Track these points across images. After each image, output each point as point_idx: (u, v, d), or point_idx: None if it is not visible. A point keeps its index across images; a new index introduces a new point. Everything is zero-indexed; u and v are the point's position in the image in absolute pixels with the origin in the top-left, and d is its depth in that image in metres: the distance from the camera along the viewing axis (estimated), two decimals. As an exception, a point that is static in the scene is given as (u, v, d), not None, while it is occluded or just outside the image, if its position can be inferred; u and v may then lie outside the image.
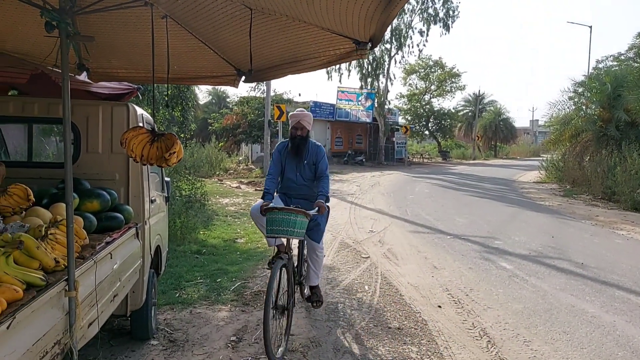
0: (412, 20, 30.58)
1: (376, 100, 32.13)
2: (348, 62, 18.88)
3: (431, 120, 43.21)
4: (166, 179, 4.79)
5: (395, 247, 7.76)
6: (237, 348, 3.88)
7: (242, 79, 3.78)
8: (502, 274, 6.26)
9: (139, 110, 3.88)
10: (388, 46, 30.64)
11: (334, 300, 5.12)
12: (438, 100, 43.78)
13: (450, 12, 30.54)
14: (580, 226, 10.18)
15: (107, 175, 3.67)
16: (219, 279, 5.67)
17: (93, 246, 2.73)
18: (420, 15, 30.42)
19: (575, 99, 19.63)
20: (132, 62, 3.67)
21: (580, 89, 19.32)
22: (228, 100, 40.18)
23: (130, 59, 3.63)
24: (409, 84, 42.93)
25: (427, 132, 44.77)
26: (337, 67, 30.32)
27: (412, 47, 33.38)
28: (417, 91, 42.53)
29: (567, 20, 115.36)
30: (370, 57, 28.96)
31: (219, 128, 26.54)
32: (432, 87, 42.47)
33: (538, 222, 10.61)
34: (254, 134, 24.04)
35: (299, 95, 31.53)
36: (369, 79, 31.12)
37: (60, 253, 2.35)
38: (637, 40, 21.47)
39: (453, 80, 42.21)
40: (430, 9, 30.26)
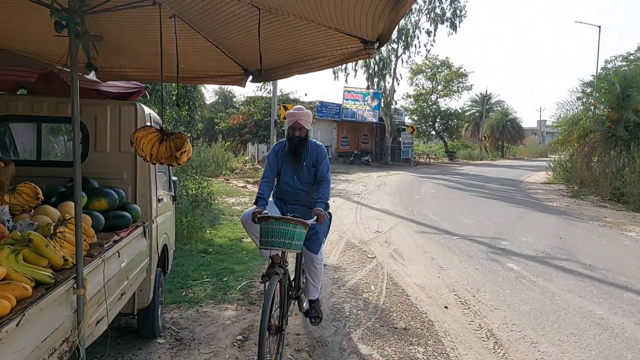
0: (419, 20, 30.53)
1: (382, 100, 32.09)
2: (356, 61, 18.85)
3: (438, 120, 43.07)
4: (173, 178, 4.81)
5: (402, 247, 7.74)
6: (243, 347, 3.89)
7: (250, 78, 3.79)
8: (509, 275, 6.23)
9: (147, 109, 3.90)
10: (395, 46, 30.57)
11: (340, 300, 5.11)
12: (445, 100, 43.70)
13: (458, 11, 30.45)
14: (588, 227, 10.10)
15: (115, 174, 3.69)
16: (225, 278, 5.68)
17: (101, 244, 2.75)
18: (427, 15, 30.35)
19: (584, 99, 19.51)
20: (140, 61, 3.69)
21: (588, 89, 19.19)
22: (234, 100, 40.33)
23: (138, 58, 3.64)
24: (416, 84, 42.88)
25: (433, 132, 44.64)
26: (344, 66, 30.31)
27: (419, 47, 33.36)
28: (424, 91, 42.42)
29: (575, 20, 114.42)
30: (377, 57, 28.92)
31: (225, 128, 26.64)
32: (439, 87, 42.35)
33: (545, 223, 10.54)
34: (260, 133, 24.09)
35: (306, 95, 31.65)
36: (375, 79, 31.08)
37: (68, 251, 2.37)
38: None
39: (460, 80, 42.06)
40: (437, 9, 30.18)
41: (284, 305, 3.62)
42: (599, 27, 29.77)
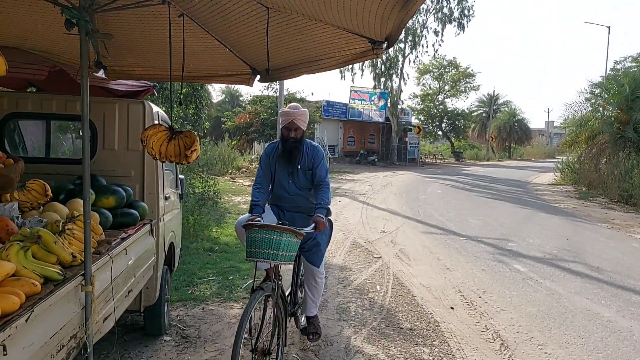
0: (426, 20, 30.44)
1: (389, 100, 32.03)
2: (364, 61, 18.80)
3: (444, 120, 42.90)
4: (180, 176, 4.83)
5: (407, 247, 7.72)
6: (249, 346, 3.88)
7: (257, 78, 3.78)
8: (515, 276, 6.20)
9: (155, 107, 3.91)
10: (402, 46, 30.50)
11: (345, 300, 5.11)
12: (452, 100, 43.54)
13: (465, 11, 30.31)
14: (596, 229, 10.03)
15: (122, 172, 3.71)
16: (231, 277, 5.70)
17: (109, 242, 2.76)
18: (435, 15, 30.25)
19: (592, 101, 19.38)
20: (149, 60, 3.69)
21: (597, 90, 19.06)
22: (241, 99, 40.40)
23: (147, 57, 3.65)
24: (423, 84, 42.73)
25: (440, 132, 44.47)
26: (350, 66, 30.24)
27: (427, 47, 33.26)
28: (431, 91, 42.27)
29: (584, 20, 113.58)
30: (384, 56, 28.84)
31: (231, 126, 26.66)
32: (446, 87, 42.18)
33: (553, 224, 10.48)
34: (266, 132, 24.10)
35: (312, 94, 31.45)
36: (382, 79, 31.02)
37: (77, 248, 2.38)
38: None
39: (467, 80, 41.89)
40: (445, 9, 30.06)
41: (276, 323, 3.18)
42: (609, 27, 29.49)
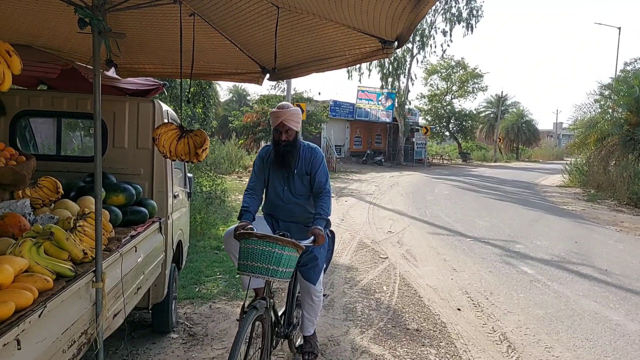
0: (435, 20, 30.36)
1: (396, 100, 31.96)
2: (373, 61, 18.76)
3: (452, 121, 42.74)
4: (188, 174, 4.85)
5: (414, 248, 7.71)
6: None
7: (267, 76, 3.79)
8: (523, 278, 6.17)
9: (165, 106, 3.93)
10: (410, 46, 30.44)
11: (352, 300, 5.11)
12: (459, 101, 43.46)
13: (474, 12, 30.23)
14: (604, 232, 9.95)
15: (132, 169, 3.73)
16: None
17: (119, 239, 2.78)
18: (443, 15, 30.16)
19: (602, 102, 19.23)
20: (159, 58, 3.71)
21: (607, 92, 18.91)
22: (248, 98, 40.42)
23: (157, 55, 3.67)
24: (430, 84, 42.61)
25: (447, 133, 44.31)
26: (358, 66, 30.25)
27: (435, 47, 33.16)
28: (439, 92, 42.13)
29: (594, 21, 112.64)
30: (392, 56, 28.80)
31: (239, 125, 26.71)
32: (454, 88, 42.03)
33: (561, 226, 10.41)
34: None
35: (319, 94, 31.54)
36: (389, 79, 30.97)
37: (87, 245, 2.40)
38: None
39: (475, 81, 41.72)
40: (453, 9, 29.96)
41: (266, 344, 2.93)
42: (619, 28, 29.32)
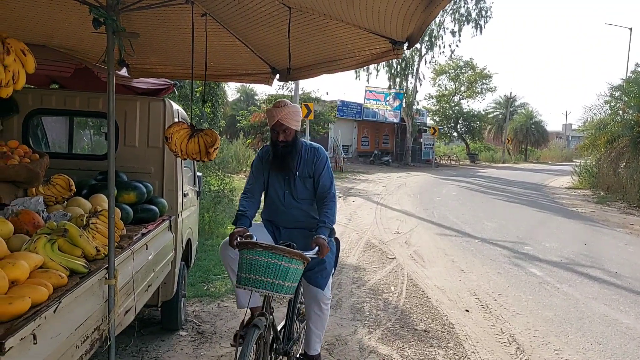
0: (443, 21, 30.22)
1: (404, 101, 31.88)
2: (383, 61, 18.70)
3: (460, 121, 42.56)
4: (198, 173, 4.88)
5: (422, 249, 7.70)
6: (263, 343, 3.92)
7: (277, 77, 3.81)
8: (532, 280, 6.14)
9: (175, 105, 3.97)
10: (418, 46, 30.33)
11: (360, 300, 5.12)
12: (468, 101, 43.17)
13: (483, 12, 30.09)
14: (614, 234, 9.87)
15: (143, 168, 3.77)
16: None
17: (130, 237, 2.81)
18: (452, 16, 30.03)
19: (612, 104, 19.06)
20: (171, 58, 3.74)
21: (617, 93, 18.74)
22: (256, 98, 40.49)
23: (169, 55, 3.70)
24: (438, 85, 42.44)
25: (455, 133, 44.13)
26: (366, 66, 30.22)
27: (443, 47, 33.03)
28: (447, 92, 41.96)
29: (605, 22, 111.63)
30: (401, 57, 28.76)
31: (246, 125, 26.78)
32: (462, 88, 41.84)
33: (570, 228, 10.34)
34: (281, 131, 24.13)
35: (327, 94, 31.59)
36: (397, 79, 30.89)
37: (100, 242, 2.43)
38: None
39: (484, 81, 41.49)
40: (462, 9, 29.84)
41: None
42: (630, 29, 28.99)
